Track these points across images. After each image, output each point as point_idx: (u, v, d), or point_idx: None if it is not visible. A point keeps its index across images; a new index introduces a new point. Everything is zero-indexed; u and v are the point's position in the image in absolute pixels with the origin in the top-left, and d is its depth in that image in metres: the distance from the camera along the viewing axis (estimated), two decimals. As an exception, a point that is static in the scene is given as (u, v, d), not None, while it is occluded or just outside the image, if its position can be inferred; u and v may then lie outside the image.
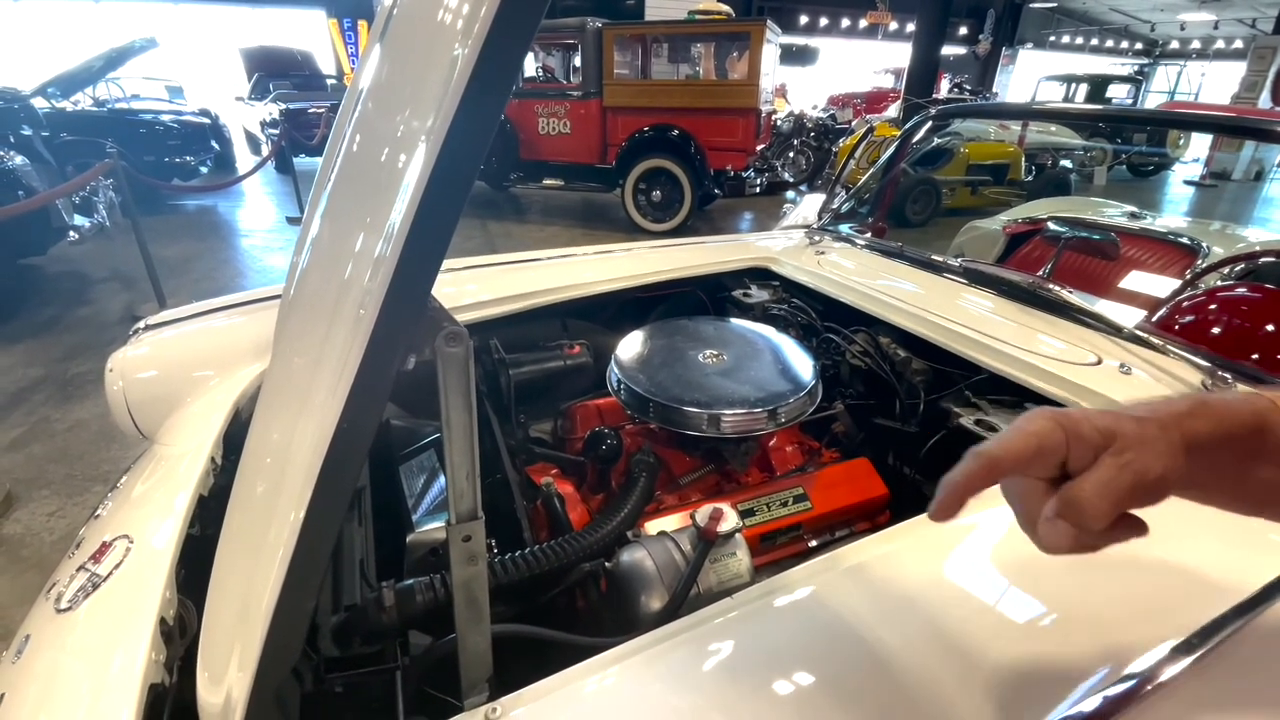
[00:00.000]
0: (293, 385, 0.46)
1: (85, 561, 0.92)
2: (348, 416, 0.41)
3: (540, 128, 6.35)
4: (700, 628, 0.63)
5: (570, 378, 1.38)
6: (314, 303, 0.44)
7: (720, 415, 1.01)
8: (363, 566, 0.82)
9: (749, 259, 1.71)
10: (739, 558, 0.82)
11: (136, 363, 1.28)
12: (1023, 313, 1.27)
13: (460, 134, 0.35)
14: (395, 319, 0.39)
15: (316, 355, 0.41)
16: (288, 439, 0.45)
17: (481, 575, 0.56)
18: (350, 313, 0.39)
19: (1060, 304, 1.23)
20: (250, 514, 0.50)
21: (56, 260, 4.64)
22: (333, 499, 0.44)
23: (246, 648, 0.50)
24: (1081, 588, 0.67)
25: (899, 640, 0.61)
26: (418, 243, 0.37)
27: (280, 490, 0.46)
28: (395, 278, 0.37)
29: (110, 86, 7.57)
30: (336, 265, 0.41)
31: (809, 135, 8.78)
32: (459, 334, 0.46)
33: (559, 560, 0.81)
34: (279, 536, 0.46)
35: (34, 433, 2.68)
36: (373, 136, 0.41)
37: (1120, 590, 0.67)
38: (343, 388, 0.39)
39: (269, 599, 0.47)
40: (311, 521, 0.43)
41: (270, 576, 0.47)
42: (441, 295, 1.51)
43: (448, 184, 0.36)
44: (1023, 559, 0.71)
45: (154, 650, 0.73)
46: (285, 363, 0.46)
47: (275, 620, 0.47)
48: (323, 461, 0.42)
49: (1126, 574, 0.68)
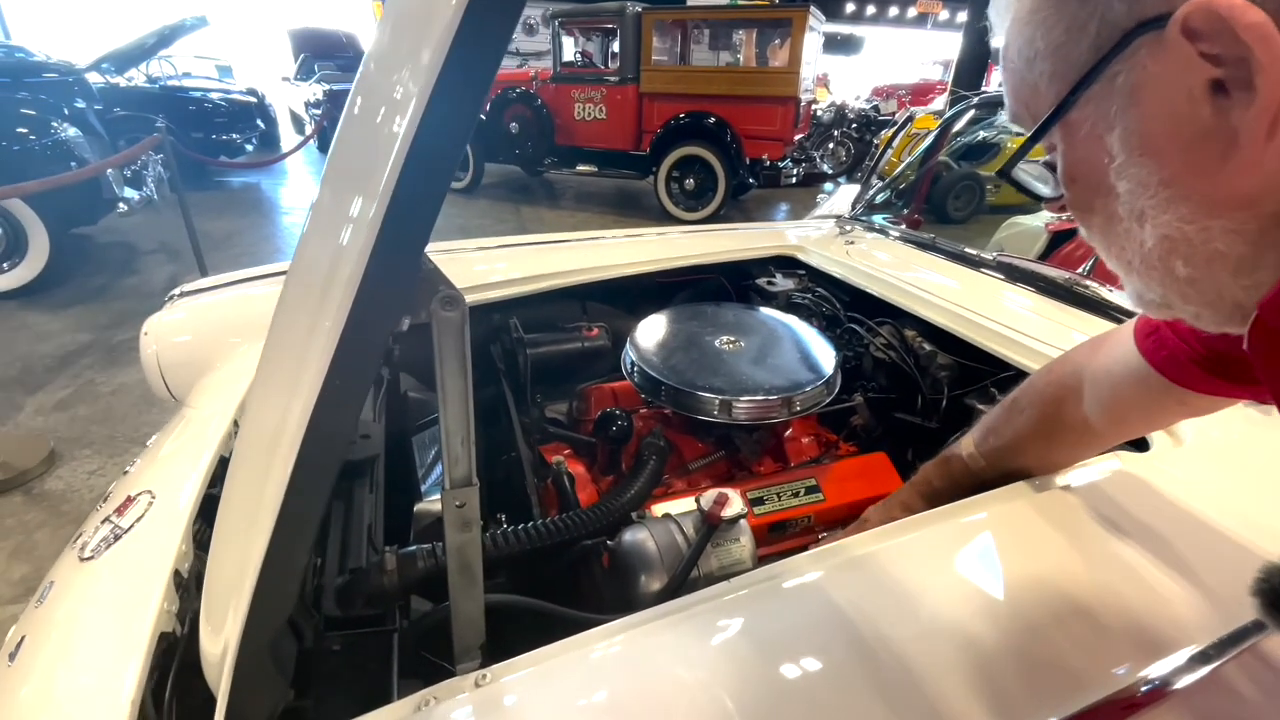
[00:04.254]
0: (287, 346, 0.46)
1: (110, 514, 0.96)
2: (336, 377, 0.41)
3: (576, 113, 6.34)
4: (699, 606, 0.62)
5: (588, 360, 1.37)
6: (310, 266, 0.44)
7: (733, 402, 0.99)
8: (370, 532, 0.83)
9: (775, 247, 1.68)
10: (742, 544, 0.81)
11: (171, 327, 1.32)
12: (1060, 310, 1.22)
13: (450, 91, 0.35)
14: (383, 279, 0.39)
15: (311, 318, 0.41)
16: (284, 401, 0.45)
17: (475, 542, 0.56)
18: (342, 273, 0.39)
19: (1099, 302, 1.17)
20: (247, 471, 0.50)
21: (107, 231, 4.82)
22: (321, 459, 0.45)
23: (241, 601, 0.51)
24: (1094, 588, 0.64)
25: (904, 630, 0.60)
26: (406, 202, 0.37)
27: (274, 450, 0.46)
28: (382, 237, 0.37)
29: (162, 64, 7.80)
30: (332, 229, 0.40)
31: (850, 126, 8.59)
32: (455, 298, 0.46)
33: (561, 535, 0.81)
34: (270, 495, 0.46)
35: (79, 395, 2.80)
36: (371, 98, 0.41)
37: (1133, 593, 0.64)
38: (329, 347, 0.39)
39: (258, 555, 0.48)
40: (299, 479, 0.44)
41: (263, 533, 0.47)
42: (471, 273, 1.53)
43: (437, 139, 0.36)
44: (1033, 557, 0.69)
45: (167, 600, 0.75)
46: (281, 325, 0.47)
47: (263, 575, 0.48)
48: (308, 421, 0.42)
49: (1140, 577, 0.65)
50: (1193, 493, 0.76)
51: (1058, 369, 0.78)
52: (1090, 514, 0.73)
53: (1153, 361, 0.60)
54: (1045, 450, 0.79)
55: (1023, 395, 0.81)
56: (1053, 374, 0.78)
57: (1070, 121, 0.36)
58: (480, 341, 1.42)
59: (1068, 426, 0.75)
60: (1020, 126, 0.40)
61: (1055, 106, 0.36)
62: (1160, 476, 0.79)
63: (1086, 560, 0.68)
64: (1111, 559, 0.68)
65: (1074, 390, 0.74)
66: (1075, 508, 0.74)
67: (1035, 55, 0.36)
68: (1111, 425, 0.70)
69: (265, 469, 0.49)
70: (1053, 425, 0.76)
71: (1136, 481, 0.79)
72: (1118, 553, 0.68)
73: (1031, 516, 0.73)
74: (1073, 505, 0.75)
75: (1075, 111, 0.35)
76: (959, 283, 1.37)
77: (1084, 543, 0.70)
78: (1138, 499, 0.76)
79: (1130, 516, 0.73)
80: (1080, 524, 0.72)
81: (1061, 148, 0.38)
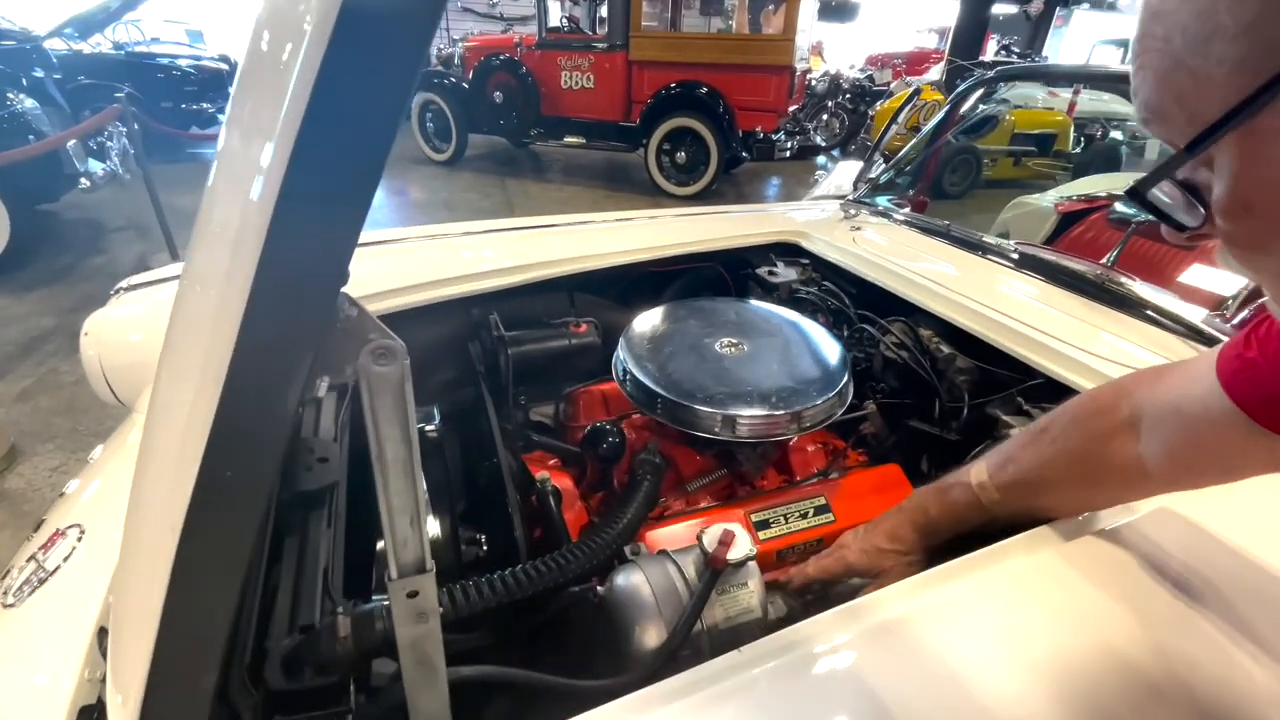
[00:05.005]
0: (184, 342, 0.35)
1: (36, 550, 0.85)
2: (226, 418, 0.30)
3: (563, 82, 6.10)
4: (704, 689, 0.53)
5: (575, 359, 1.27)
6: (212, 240, 0.32)
7: (736, 417, 0.89)
8: (328, 577, 0.73)
9: (776, 232, 1.57)
10: (750, 589, 0.72)
11: (116, 326, 1.19)
12: (1086, 307, 1.12)
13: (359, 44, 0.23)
14: (279, 325, 0.28)
15: (204, 308, 0.30)
16: (183, 409, 0.34)
17: (434, 634, 0.46)
18: (221, 326, 0.28)
19: (1133, 300, 1.07)
20: (143, 504, 0.40)
21: (72, 208, 4.60)
22: (225, 500, 0.34)
23: (135, 678, 0.41)
24: (1162, 660, 0.55)
25: (936, 710, 0.51)
26: (303, 208, 0.26)
27: (171, 475, 0.35)
28: (266, 260, 0.26)
29: (129, 29, 7.42)
30: (213, 246, 0.29)
31: (844, 97, 8.38)
32: (391, 349, 0.35)
33: (543, 583, 0.71)
34: (166, 528, 0.36)
35: (42, 384, 2.66)
36: (277, 29, 0.28)
37: (1210, 664, 0.55)
38: (203, 431, 0.28)
39: (154, 612, 0.38)
40: (196, 523, 0.33)
41: (159, 584, 0.37)
42: (456, 261, 1.40)
43: (355, 106, 0.24)
44: (1083, 621, 0.60)
45: (88, 667, 0.65)
46: (181, 308, 0.35)
47: (164, 639, 0.38)
48: (202, 456, 0.32)
49: (1214, 644, 0.57)
50: (1253, 534, 0.67)
51: (1104, 398, 0.68)
52: (1139, 566, 0.64)
53: (1244, 402, 0.50)
54: (1079, 491, 0.69)
55: (1054, 423, 0.71)
56: (1098, 403, 0.68)
57: (1260, 129, 0.25)
58: (457, 339, 1.31)
59: (1113, 467, 0.64)
60: (1160, 129, 0.29)
61: (1238, 105, 0.25)
62: (1212, 516, 0.69)
63: (1145, 625, 0.59)
64: (1177, 621, 0.59)
65: (1126, 425, 0.64)
66: (1118, 559, 0.65)
67: (1213, 33, 0.25)
68: (1174, 471, 0.60)
69: (164, 502, 0.39)
70: (1093, 463, 0.66)
71: (1184, 523, 0.69)
72: (1182, 613, 0.59)
73: (1065, 569, 0.64)
74: (1114, 556, 0.65)
75: (1272, 115, 0.24)
76: (977, 276, 1.27)
77: (1139, 603, 0.61)
78: (1190, 545, 0.66)
79: (1186, 566, 0.64)
80: (1130, 579, 0.63)
81: (1234, 164, 0.27)
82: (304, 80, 0.23)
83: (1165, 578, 0.62)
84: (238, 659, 0.59)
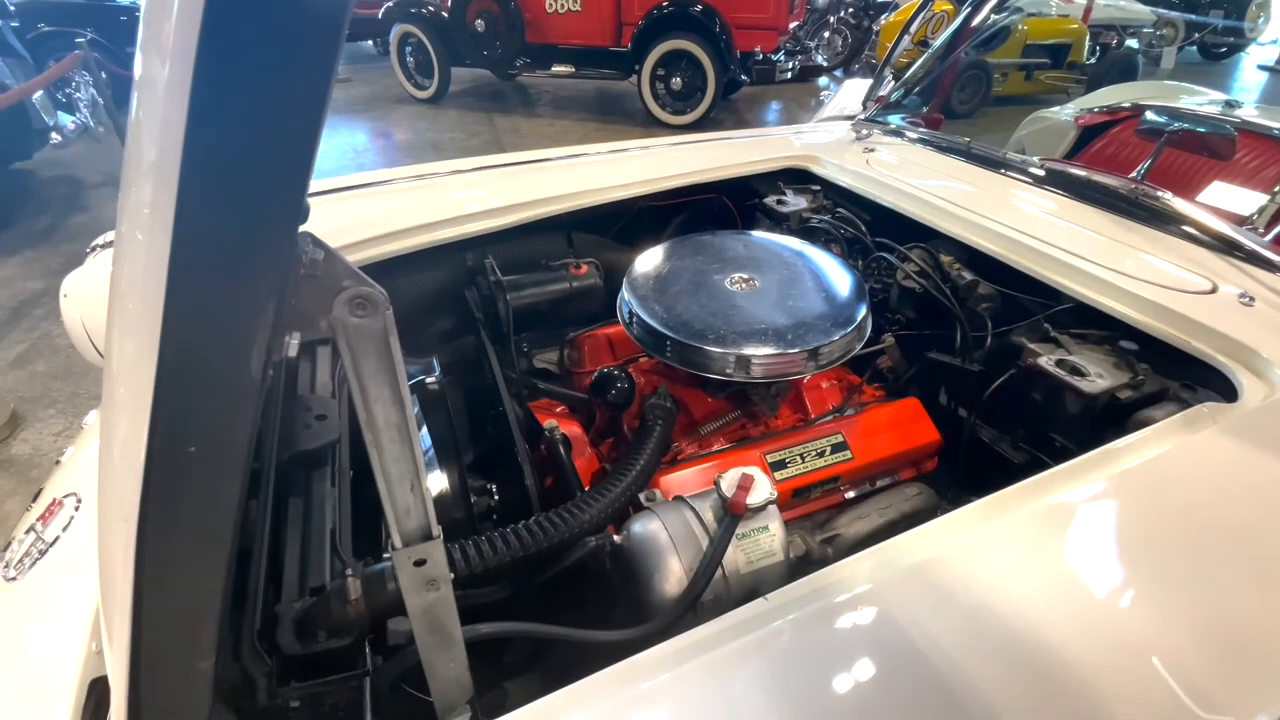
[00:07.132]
0: (119, 306, 0.30)
1: (35, 522, 0.83)
2: (165, 408, 0.26)
3: (548, 5, 5.75)
4: (729, 643, 0.51)
5: (577, 301, 1.22)
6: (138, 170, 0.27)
7: (750, 357, 0.85)
8: (335, 538, 0.70)
9: (784, 158, 1.48)
10: (771, 532, 0.70)
11: (96, 284, 1.14)
12: (1116, 224, 1.06)
13: None
14: (224, 263, 0.23)
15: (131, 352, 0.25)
16: (125, 384, 0.30)
17: (446, 600, 0.43)
18: (151, 280, 0.23)
19: (1168, 214, 1.01)
20: (103, 493, 0.36)
21: (49, 165, 4.43)
22: (192, 479, 0.31)
23: (118, 656, 0.38)
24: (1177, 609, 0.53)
25: (968, 659, 0.49)
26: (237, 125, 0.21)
27: (119, 459, 0.32)
28: (191, 152, 0.21)
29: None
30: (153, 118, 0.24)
31: (846, 12, 7.90)
32: (370, 297, 0.30)
33: (557, 536, 0.69)
34: (120, 525, 0.33)
35: (37, 349, 2.62)
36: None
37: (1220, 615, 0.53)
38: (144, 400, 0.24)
39: (127, 602, 0.35)
40: (156, 509, 0.30)
41: (126, 575, 0.34)
42: (447, 203, 1.33)
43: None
44: (1105, 551, 0.57)
45: (95, 639, 0.64)
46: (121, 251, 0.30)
47: (141, 612, 0.35)
48: (147, 434, 0.28)
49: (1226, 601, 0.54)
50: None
51: None
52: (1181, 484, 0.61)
53: None
54: None
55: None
56: None
57: None
58: (452, 286, 1.25)
59: None
60: None
61: None
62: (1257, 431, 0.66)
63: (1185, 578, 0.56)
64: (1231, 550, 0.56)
65: None
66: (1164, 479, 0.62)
67: None
68: None
69: (123, 468, 0.35)
70: None
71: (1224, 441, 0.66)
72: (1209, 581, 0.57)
73: (1107, 502, 0.61)
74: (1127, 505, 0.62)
75: None
76: (999, 195, 1.20)
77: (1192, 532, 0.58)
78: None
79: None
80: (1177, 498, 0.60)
81: None
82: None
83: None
84: (248, 625, 0.57)
